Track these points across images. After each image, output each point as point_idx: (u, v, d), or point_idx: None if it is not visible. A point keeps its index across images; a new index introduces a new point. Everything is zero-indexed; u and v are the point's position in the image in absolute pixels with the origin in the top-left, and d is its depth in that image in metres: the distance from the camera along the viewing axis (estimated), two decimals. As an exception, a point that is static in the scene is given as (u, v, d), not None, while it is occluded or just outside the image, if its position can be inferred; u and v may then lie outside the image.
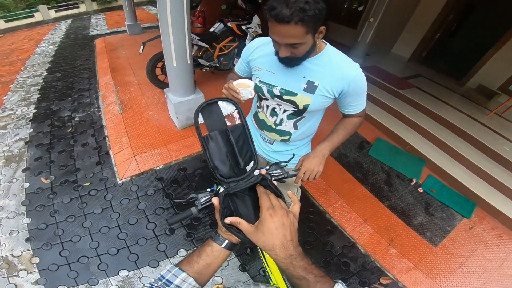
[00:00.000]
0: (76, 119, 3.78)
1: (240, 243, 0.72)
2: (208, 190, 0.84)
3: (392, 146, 3.55)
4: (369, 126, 3.89)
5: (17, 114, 3.92)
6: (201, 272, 0.67)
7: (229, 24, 4.07)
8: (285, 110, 1.29)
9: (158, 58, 3.69)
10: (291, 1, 0.85)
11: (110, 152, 3.16)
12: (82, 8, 11.30)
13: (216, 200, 0.67)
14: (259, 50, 1.26)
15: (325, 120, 1.47)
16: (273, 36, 0.98)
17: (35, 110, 4.00)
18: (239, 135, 0.72)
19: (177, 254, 2.23)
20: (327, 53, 1.14)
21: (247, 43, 1.37)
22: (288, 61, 1.08)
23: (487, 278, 2.27)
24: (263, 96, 1.29)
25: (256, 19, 4.29)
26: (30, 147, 3.26)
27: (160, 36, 2.75)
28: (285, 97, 1.21)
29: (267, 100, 1.31)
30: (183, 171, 2.94)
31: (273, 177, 1.03)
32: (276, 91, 1.22)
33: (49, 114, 3.90)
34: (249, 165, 0.73)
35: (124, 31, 7.16)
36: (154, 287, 0.61)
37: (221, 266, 2.12)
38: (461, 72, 4.93)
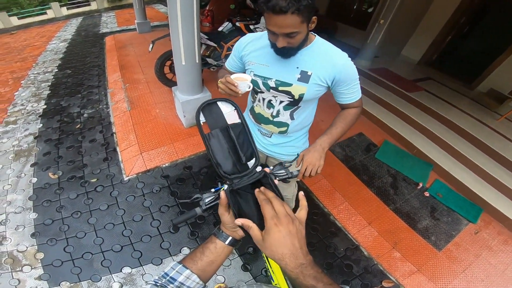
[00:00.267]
0: (85, 116, 3.82)
1: (243, 239, 0.72)
2: (213, 191, 0.85)
3: (399, 150, 3.51)
4: (376, 129, 3.86)
5: (28, 110, 3.98)
6: (205, 269, 0.67)
7: (237, 24, 4.08)
8: (281, 101, 1.33)
9: (167, 57, 3.72)
10: None
11: (117, 149, 3.20)
12: (93, 6, 11.45)
13: (224, 194, 0.68)
14: (252, 45, 1.30)
15: (322, 112, 1.47)
16: (271, 27, 1.03)
17: (45, 106, 4.07)
18: (239, 133, 0.75)
19: (181, 252, 2.24)
20: (317, 44, 1.21)
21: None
22: (285, 51, 1.13)
23: (490, 283, 2.24)
24: (259, 90, 1.33)
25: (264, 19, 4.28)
26: (39, 142, 3.32)
27: (170, 35, 2.77)
28: (281, 88, 1.26)
29: (263, 93, 1.34)
30: (189, 170, 2.95)
31: (277, 177, 1.03)
32: (271, 83, 1.26)
33: (59, 110, 3.96)
34: (251, 162, 0.75)
35: (134, 29, 7.21)
36: (158, 285, 0.62)
37: (224, 266, 2.15)
38: (472, 76, 4.85)
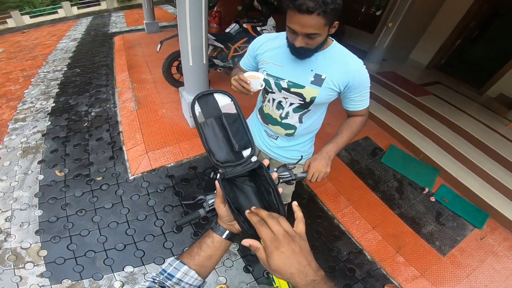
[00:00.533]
0: (92, 114, 3.87)
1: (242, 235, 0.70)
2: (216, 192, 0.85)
3: (406, 154, 3.47)
4: (383, 133, 3.83)
5: (37, 107, 4.04)
6: (203, 264, 0.66)
7: (245, 25, 4.09)
8: (292, 103, 1.32)
9: (175, 57, 3.74)
10: None
11: (124, 148, 3.22)
12: (103, 6, 11.58)
13: (217, 183, 0.66)
14: (267, 45, 1.29)
15: (330, 115, 1.47)
16: (292, 26, 1.01)
17: (54, 104, 4.12)
18: (234, 121, 0.74)
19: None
20: (334, 49, 1.20)
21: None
22: (302, 52, 1.11)
23: (493, 289, 2.23)
24: (270, 90, 1.32)
25: (271, 21, 4.28)
26: (47, 140, 3.36)
27: (178, 35, 2.79)
28: (293, 90, 1.25)
29: (274, 94, 1.34)
30: (194, 170, 2.96)
31: (281, 179, 1.03)
32: (284, 84, 1.25)
33: (67, 108, 4.00)
34: (246, 151, 0.73)
35: (142, 29, 7.28)
36: (156, 282, 0.62)
37: (226, 267, 2.14)
38: (481, 81, 4.80)
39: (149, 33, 6.97)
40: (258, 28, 4.15)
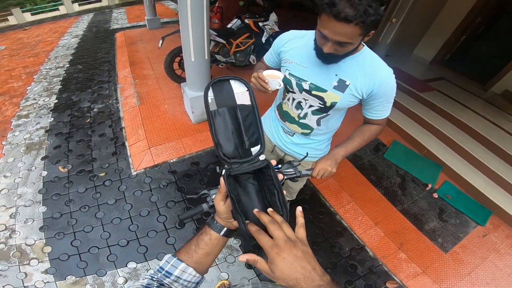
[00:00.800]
0: (95, 110, 3.87)
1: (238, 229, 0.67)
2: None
3: (409, 150, 3.46)
4: (386, 129, 3.80)
5: (39, 104, 4.04)
6: (201, 261, 0.66)
7: (246, 21, 4.06)
8: (311, 106, 1.29)
9: (176, 53, 3.73)
10: (356, 2, 0.84)
11: (126, 143, 3.23)
12: (104, 2, 11.51)
13: (222, 180, 0.63)
14: (292, 43, 1.25)
15: (348, 115, 1.46)
16: (325, 31, 0.95)
17: (56, 100, 4.13)
18: (248, 115, 0.69)
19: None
20: (363, 54, 1.15)
21: (264, 40, 1.38)
22: (329, 58, 1.07)
23: (495, 286, 2.22)
24: (291, 89, 1.29)
25: (273, 16, 4.25)
26: (50, 136, 3.37)
27: (179, 31, 2.77)
28: (314, 92, 1.22)
29: (294, 94, 1.30)
30: (196, 165, 2.96)
31: (286, 176, 1.02)
32: (306, 86, 1.22)
33: (70, 105, 4.01)
34: (255, 149, 0.69)
35: (144, 26, 7.23)
36: (155, 279, 0.62)
37: (228, 263, 2.15)
38: (486, 77, 4.74)
39: (151, 29, 6.93)
40: (260, 24, 4.13)
